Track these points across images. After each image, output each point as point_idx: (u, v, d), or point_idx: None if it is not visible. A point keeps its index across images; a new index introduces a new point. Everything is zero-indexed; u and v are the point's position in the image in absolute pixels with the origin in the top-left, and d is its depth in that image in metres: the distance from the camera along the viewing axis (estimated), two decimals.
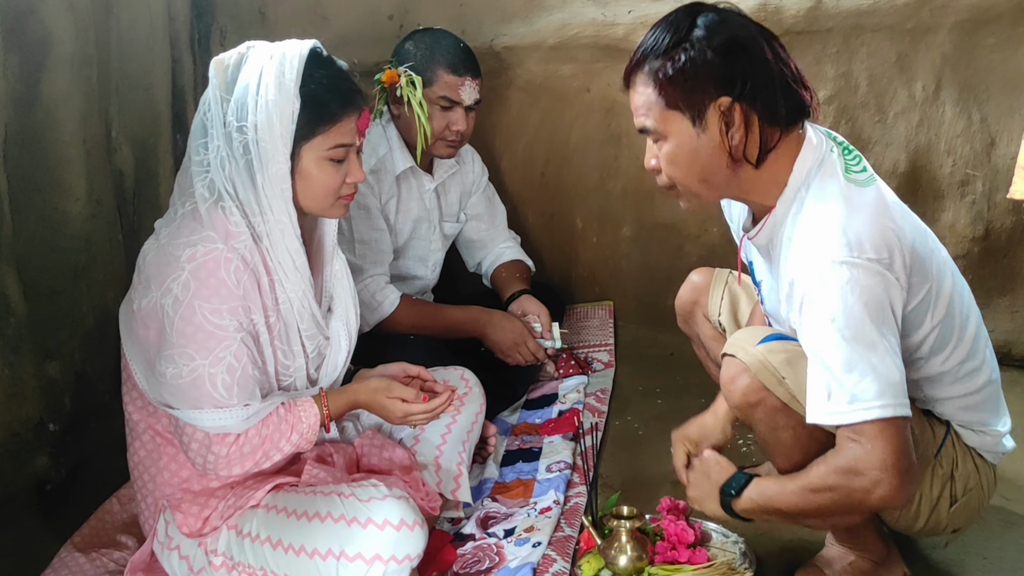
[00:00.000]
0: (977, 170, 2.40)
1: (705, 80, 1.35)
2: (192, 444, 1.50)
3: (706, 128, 1.37)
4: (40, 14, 1.99)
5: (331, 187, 1.56)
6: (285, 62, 1.48)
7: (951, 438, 1.52)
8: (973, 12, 2.30)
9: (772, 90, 1.36)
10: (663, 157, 1.43)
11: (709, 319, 1.91)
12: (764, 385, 1.43)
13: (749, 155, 1.39)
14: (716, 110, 1.35)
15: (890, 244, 1.32)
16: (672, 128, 1.39)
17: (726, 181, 1.42)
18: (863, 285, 1.29)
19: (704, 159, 1.39)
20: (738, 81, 1.34)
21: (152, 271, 1.48)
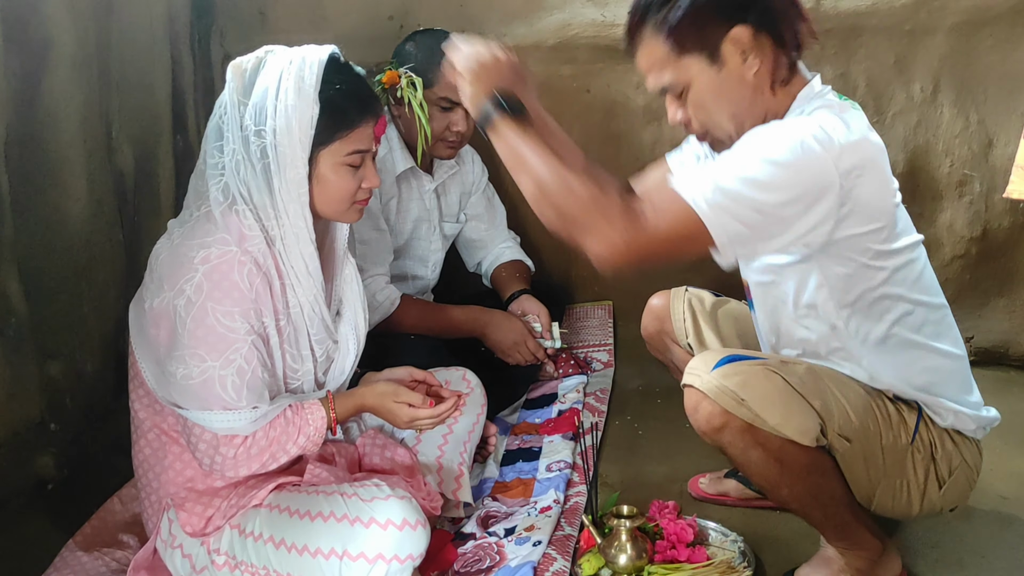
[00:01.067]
0: (975, 170, 2.42)
1: (713, 14, 1.36)
2: (200, 444, 1.51)
3: (724, 62, 1.38)
4: (41, 15, 1.99)
5: (347, 192, 1.56)
6: (305, 67, 1.48)
7: (924, 423, 1.52)
8: (971, 14, 2.31)
9: (777, 12, 1.38)
10: (690, 106, 1.44)
11: (678, 343, 1.92)
12: (725, 409, 1.43)
13: (769, 80, 1.40)
14: (730, 43, 1.37)
15: (859, 160, 1.32)
16: (691, 73, 1.39)
17: (752, 112, 1.43)
18: (811, 160, 1.29)
19: (729, 94, 1.40)
20: (745, 7, 1.36)
21: (165, 271, 1.48)
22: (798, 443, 1.43)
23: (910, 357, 1.50)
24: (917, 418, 1.52)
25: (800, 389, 1.44)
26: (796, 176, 1.30)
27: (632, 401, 2.44)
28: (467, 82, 1.47)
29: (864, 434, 1.47)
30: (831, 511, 1.53)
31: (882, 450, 1.49)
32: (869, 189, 1.35)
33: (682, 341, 1.90)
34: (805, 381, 1.46)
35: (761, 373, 1.44)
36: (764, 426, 1.41)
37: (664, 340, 1.94)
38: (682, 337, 1.90)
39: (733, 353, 1.51)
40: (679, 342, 1.91)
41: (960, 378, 1.56)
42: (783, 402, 1.42)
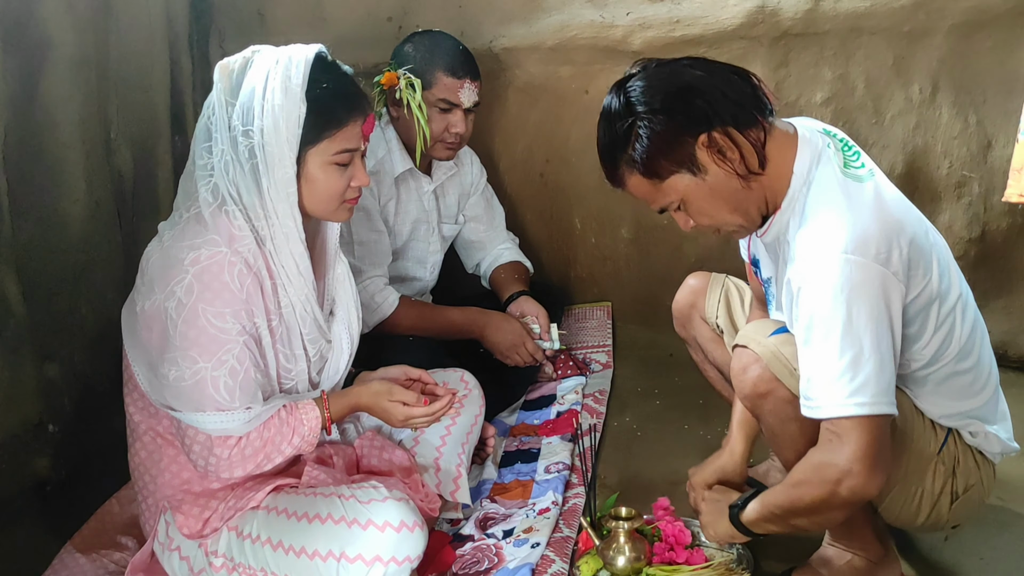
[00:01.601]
0: (973, 172, 2.42)
1: (675, 136, 1.39)
2: (194, 446, 1.51)
3: (705, 169, 1.40)
4: (39, 16, 1.99)
5: (336, 191, 1.56)
6: (291, 67, 1.48)
7: (953, 437, 1.53)
8: (969, 15, 2.31)
9: (728, 99, 1.39)
10: (693, 216, 1.47)
11: (707, 321, 1.92)
12: (775, 376, 1.46)
13: (753, 164, 1.41)
14: (702, 149, 1.39)
15: (888, 239, 1.34)
16: (680, 189, 1.42)
17: (751, 198, 1.44)
18: (856, 282, 1.31)
19: (722, 194, 1.42)
20: (699, 116, 1.38)
21: (156, 273, 1.48)
22: None
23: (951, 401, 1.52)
24: (947, 432, 1.53)
25: None
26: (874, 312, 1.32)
27: (631, 402, 2.44)
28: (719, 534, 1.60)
29: (898, 433, 1.47)
30: None
31: (909, 453, 1.49)
32: (911, 247, 1.36)
33: (711, 320, 1.92)
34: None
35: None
36: None
37: (693, 314, 1.95)
38: (711, 316, 1.91)
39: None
40: (707, 320, 1.92)
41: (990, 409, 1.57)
42: None
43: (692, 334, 1.97)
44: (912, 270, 1.36)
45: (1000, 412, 1.59)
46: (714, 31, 2.48)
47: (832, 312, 1.32)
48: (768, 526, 1.52)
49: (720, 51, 2.50)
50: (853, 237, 1.32)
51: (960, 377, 1.50)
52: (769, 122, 1.43)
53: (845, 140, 1.49)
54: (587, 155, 2.78)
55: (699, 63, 1.44)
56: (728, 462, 1.77)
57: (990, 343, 1.58)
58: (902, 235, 1.35)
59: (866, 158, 1.48)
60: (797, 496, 1.41)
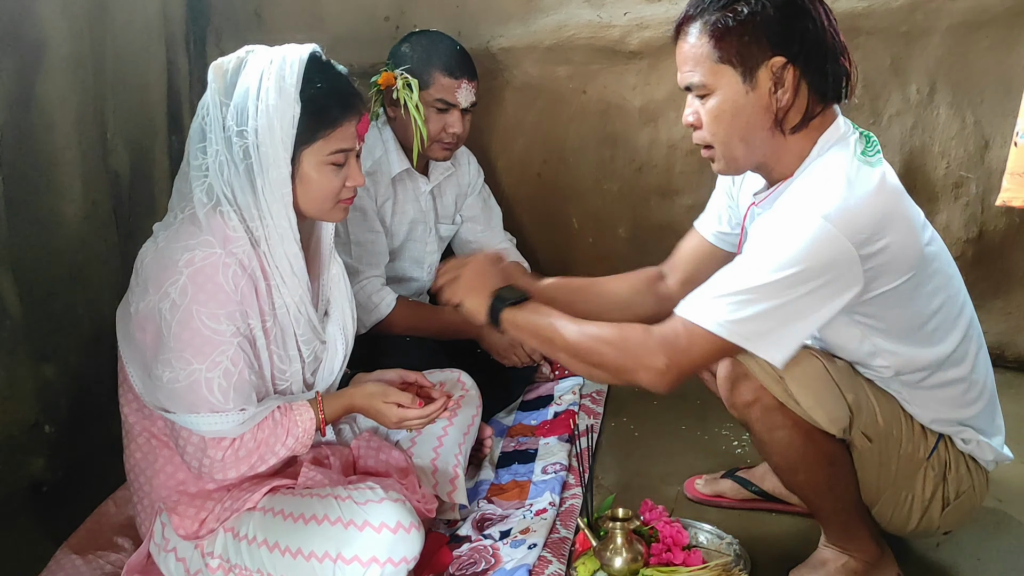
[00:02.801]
0: (971, 172, 2.41)
1: (763, 36, 1.35)
2: (188, 448, 1.51)
3: (756, 86, 1.37)
4: (35, 16, 1.99)
5: (331, 191, 1.56)
6: (285, 67, 1.48)
7: (944, 442, 1.53)
8: (966, 15, 2.31)
9: (824, 58, 1.38)
10: (706, 112, 1.42)
11: None
12: (761, 384, 1.45)
13: (791, 120, 1.39)
14: (768, 69, 1.36)
15: (877, 226, 1.31)
16: (721, 82, 1.39)
17: (763, 144, 1.42)
18: (820, 254, 1.28)
19: (748, 117, 1.39)
20: (795, 42, 1.35)
21: (150, 275, 1.48)
22: (823, 431, 1.44)
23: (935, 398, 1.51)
24: (938, 437, 1.52)
25: (837, 379, 1.45)
26: (813, 267, 1.28)
27: (628, 403, 2.44)
28: (465, 302, 1.57)
29: (886, 438, 1.48)
30: (841, 505, 1.54)
31: (898, 458, 1.50)
32: (894, 245, 1.33)
33: None
34: (843, 374, 1.46)
35: (804, 355, 1.43)
36: (795, 408, 1.43)
37: None
38: None
39: None
40: None
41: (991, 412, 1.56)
42: (819, 387, 1.43)
43: None
44: (893, 261, 1.34)
45: (996, 425, 1.59)
46: None
47: (777, 259, 1.29)
48: (525, 336, 1.51)
49: None
50: (841, 207, 1.29)
51: (952, 387, 1.49)
52: (830, 104, 1.41)
53: (869, 135, 1.46)
54: (585, 155, 2.80)
55: (831, 15, 1.41)
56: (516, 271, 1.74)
57: (988, 352, 1.58)
58: (891, 222, 1.33)
59: (881, 154, 1.45)
60: (595, 348, 1.40)
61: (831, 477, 1.50)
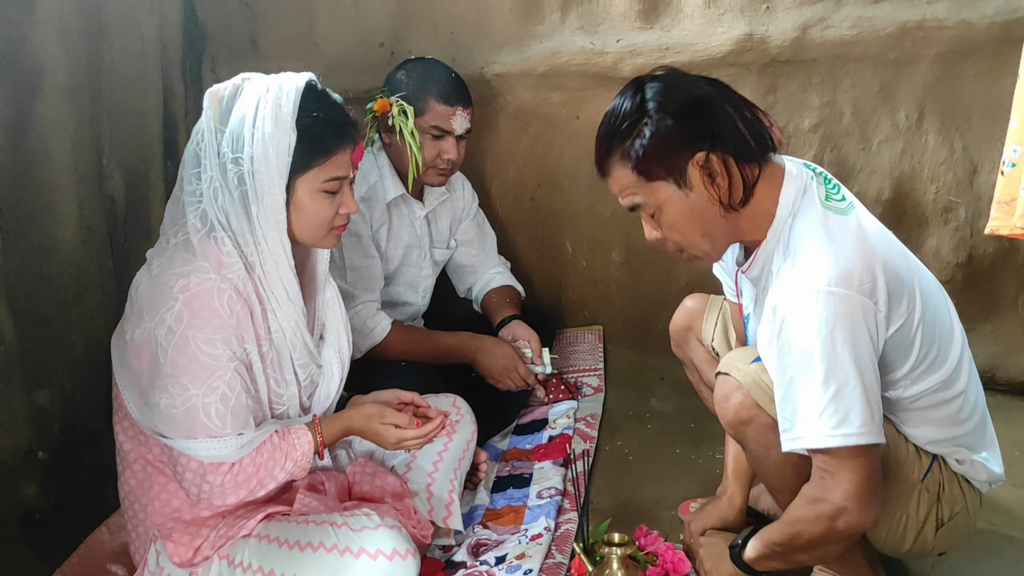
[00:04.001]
0: (960, 197, 2.44)
1: (676, 144, 1.40)
2: (186, 474, 1.50)
3: (692, 186, 1.41)
4: (32, 43, 2.00)
5: (325, 218, 1.57)
6: (282, 95, 1.49)
7: (938, 464, 1.54)
8: (954, 43, 2.34)
9: (737, 129, 1.41)
10: (663, 226, 1.48)
11: (703, 343, 1.93)
12: (757, 403, 1.47)
13: (737, 198, 1.42)
14: (695, 166, 1.40)
15: (871, 271, 1.35)
16: (661, 197, 1.43)
17: (724, 229, 1.46)
18: (840, 314, 1.32)
19: (699, 215, 1.43)
20: (705, 135, 1.39)
21: (145, 301, 1.48)
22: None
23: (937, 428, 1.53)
24: (932, 458, 1.53)
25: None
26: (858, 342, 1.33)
27: (623, 426, 2.44)
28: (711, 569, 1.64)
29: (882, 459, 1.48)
30: None
31: (892, 479, 1.50)
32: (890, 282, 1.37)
33: (707, 342, 1.92)
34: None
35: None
36: None
37: (689, 336, 1.95)
38: (708, 339, 1.92)
39: None
40: (704, 342, 1.93)
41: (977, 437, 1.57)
42: None
43: (688, 355, 1.98)
44: (893, 300, 1.38)
45: (988, 439, 1.60)
46: (703, 58, 2.50)
47: (816, 344, 1.33)
48: (770, 563, 1.53)
49: None
50: (836, 270, 1.34)
51: (946, 406, 1.50)
52: (767, 160, 1.44)
53: (825, 175, 1.51)
54: (578, 179, 2.81)
55: (721, 87, 1.45)
56: (728, 511, 1.79)
57: (977, 370, 1.59)
58: (884, 267, 1.37)
59: (846, 191, 1.50)
60: (795, 532, 1.42)
61: None
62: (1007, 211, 1.31)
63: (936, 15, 2.35)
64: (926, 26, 2.35)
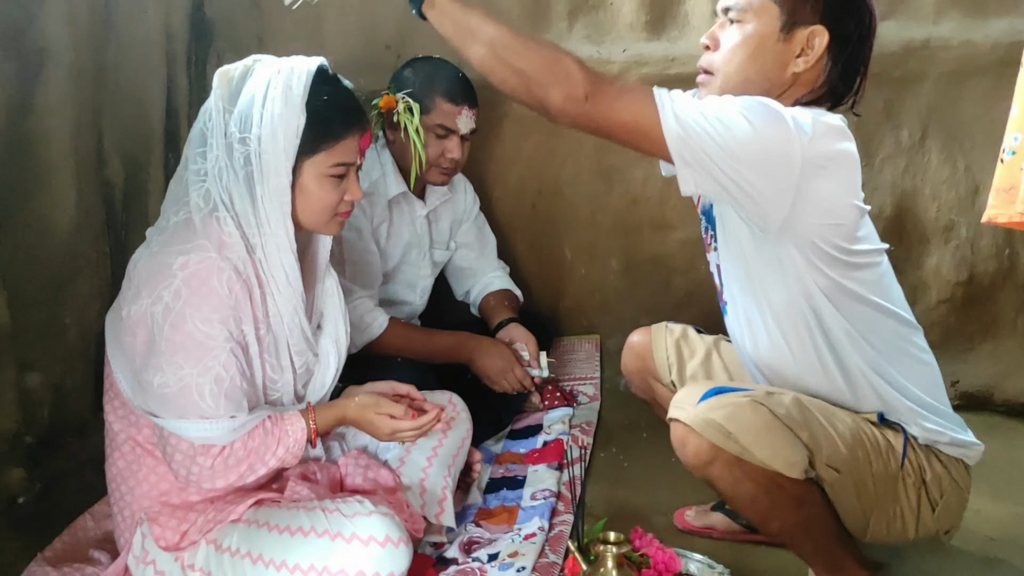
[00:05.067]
0: (961, 216, 2.45)
1: (820, 3, 1.42)
2: (176, 455, 1.48)
3: (789, 39, 1.43)
4: (40, 24, 1.99)
5: (330, 203, 1.56)
6: (293, 77, 1.49)
7: (911, 446, 1.53)
8: (958, 64, 2.37)
9: (855, 58, 1.45)
10: (731, 39, 1.48)
11: (661, 381, 1.91)
12: (712, 443, 1.43)
13: (796, 89, 1.46)
14: (807, 33, 1.42)
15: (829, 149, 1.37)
16: (762, 18, 1.44)
17: (775, 86, 1.47)
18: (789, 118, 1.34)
19: (764, 62, 1.45)
20: (843, 29, 1.43)
21: (143, 278, 1.46)
22: (787, 476, 1.42)
23: (888, 360, 1.52)
24: (904, 442, 1.52)
25: (787, 421, 1.43)
26: (763, 141, 1.33)
27: (618, 434, 2.42)
28: None
29: (854, 463, 1.47)
30: (822, 543, 1.52)
31: (872, 478, 1.49)
32: (829, 188, 1.38)
33: (665, 379, 1.90)
34: (792, 412, 1.45)
35: (748, 405, 1.43)
36: (752, 459, 1.41)
37: (647, 379, 1.94)
38: (665, 375, 1.90)
39: (719, 385, 1.51)
40: (662, 380, 1.91)
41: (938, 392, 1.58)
42: (770, 435, 1.42)
43: (652, 396, 1.97)
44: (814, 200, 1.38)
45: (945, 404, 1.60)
46: None
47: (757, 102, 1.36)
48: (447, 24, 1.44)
49: None
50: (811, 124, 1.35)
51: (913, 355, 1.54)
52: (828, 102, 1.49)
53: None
54: (579, 187, 2.82)
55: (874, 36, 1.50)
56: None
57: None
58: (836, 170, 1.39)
59: None
60: (523, 50, 1.38)
61: (805, 519, 1.49)
62: (1006, 199, 1.29)
63: (941, 35, 2.39)
64: (931, 45, 2.39)
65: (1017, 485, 2.06)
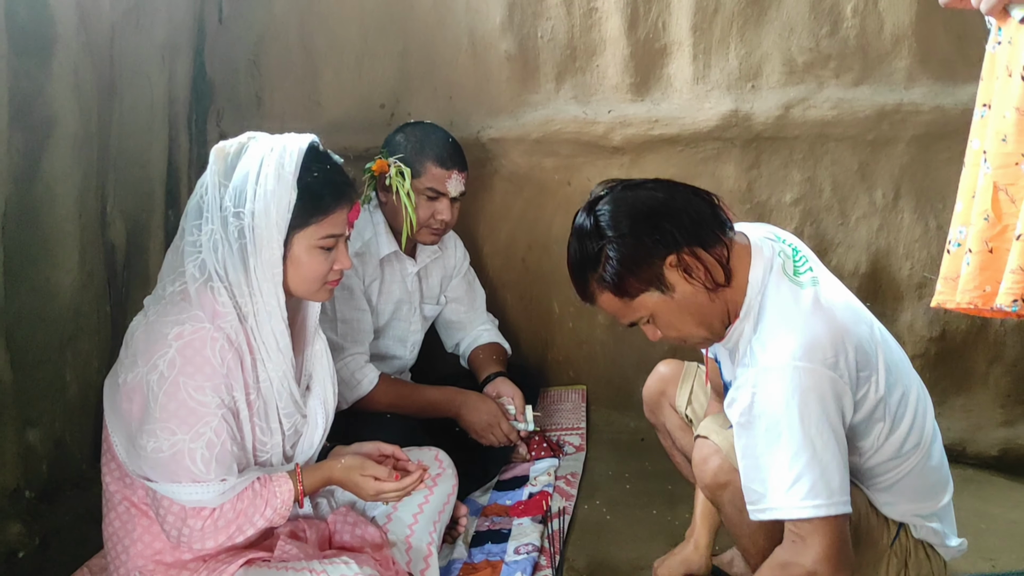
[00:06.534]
0: (934, 273, 2.48)
1: (643, 258, 1.46)
2: (168, 517, 1.54)
3: (674, 287, 1.48)
4: (47, 95, 2.08)
5: (319, 273, 1.63)
6: (285, 155, 1.56)
7: (904, 530, 1.59)
8: (929, 127, 2.45)
9: (694, 222, 1.48)
10: (662, 330, 1.54)
11: (676, 410, 1.98)
12: (735, 467, 1.50)
13: (720, 278, 1.49)
14: (671, 268, 1.47)
15: (836, 345, 1.41)
16: (649, 306, 1.50)
17: (716, 310, 1.52)
18: (807, 387, 1.38)
19: (690, 309, 1.50)
20: (667, 238, 1.46)
21: (140, 347, 1.53)
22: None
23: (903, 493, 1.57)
24: (899, 526, 1.58)
25: None
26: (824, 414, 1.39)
27: (602, 485, 2.47)
28: None
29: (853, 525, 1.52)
30: None
31: (862, 546, 1.54)
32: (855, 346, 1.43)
33: (681, 409, 1.97)
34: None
35: None
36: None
37: (662, 402, 2.00)
38: (681, 406, 1.96)
39: None
40: (677, 408, 1.97)
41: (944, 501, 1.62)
42: None
43: (661, 420, 2.03)
44: (860, 371, 1.44)
45: (949, 514, 1.64)
46: (690, 131, 2.60)
47: (785, 417, 1.38)
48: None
49: (696, 150, 2.62)
50: (802, 344, 1.40)
51: (916, 478, 1.56)
52: (729, 238, 1.52)
53: (795, 246, 1.58)
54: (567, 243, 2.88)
55: (662, 186, 1.53)
56: (693, 555, 1.82)
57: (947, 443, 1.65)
58: (848, 339, 1.43)
59: (814, 262, 1.57)
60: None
61: None
62: (952, 286, 1.39)
63: (913, 100, 2.46)
64: (903, 110, 2.46)
65: (987, 539, 2.10)
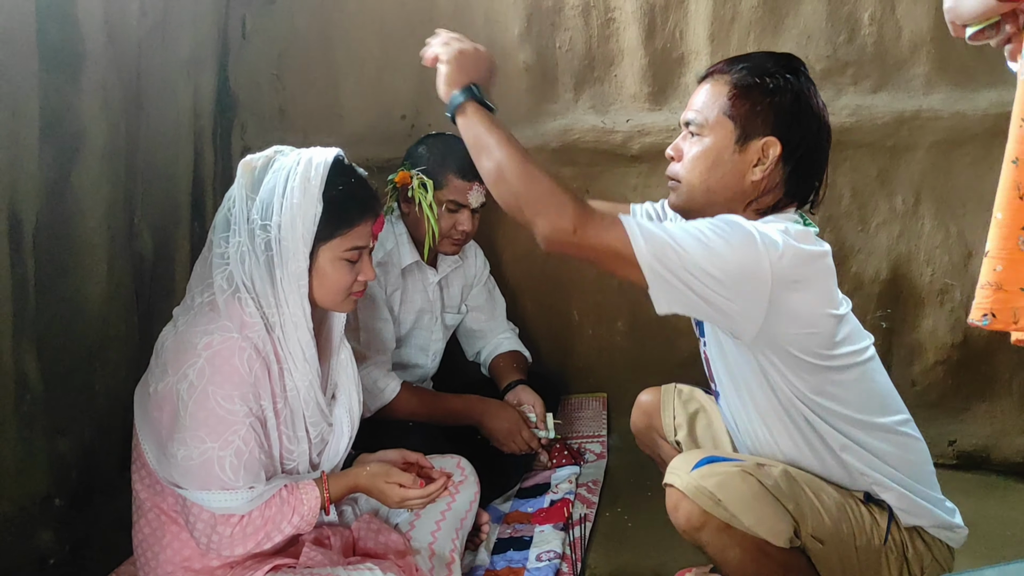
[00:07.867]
0: (955, 280, 2.51)
1: (772, 115, 1.52)
2: (198, 524, 1.57)
3: (744, 151, 1.52)
4: (77, 110, 2.13)
5: (344, 284, 1.66)
6: (311, 168, 1.60)
7: (895, 525, 1.59)
8: (949, 133, 2.45)
9: (809, 170, 1.54)
10: (691, 151, 1.58)
11: (666, 440, 1.99)
12: (703, 509, 1.51)
13: (758, 195, 1.54)
14: (760, 144, 1.51)
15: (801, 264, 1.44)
16: (717, 132, 1.54)
17: (722, 203, 1.56)
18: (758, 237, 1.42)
19: (723, 173, 1.54)
20: (794, 139, 1.51)
21: (170, 357, 1.57)
22: (773, 543, 1.49)
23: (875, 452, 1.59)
24: (888, 520, 1.58)
25: (774, 491, 1.51)
26: (732, 260, 1.41)
27: (624, 493, 2.48)
28: (448, 67, 1.59)
29: (838, 536, 1.53)
30: None
31: (856, 551, 1.55)
32: (802, 300, 1.46)
33: (670, 437, 1.97)
34: (780, 484, 1.53)
35: (737, 475, 1.51)
36: (740, 526, 1.48)
37: (652, 436, 2.01)
38: (670, 434, 1.97)
39: (712, 455, 1.60)
40: (667, 438, 1.98)
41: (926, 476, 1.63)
42: (757, 504, 1.50)
43: (657, 452, 2.04)
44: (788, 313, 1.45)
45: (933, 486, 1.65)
46: None
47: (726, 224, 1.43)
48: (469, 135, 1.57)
49: None
50: (779, 239, 1.43)
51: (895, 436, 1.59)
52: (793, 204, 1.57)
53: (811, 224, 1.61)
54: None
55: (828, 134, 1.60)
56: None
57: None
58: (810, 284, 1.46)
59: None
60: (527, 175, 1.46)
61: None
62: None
63: (932, 106, 2.47)
64: (922, 116, 2.47)
65: (1011, 547, 2.09)
